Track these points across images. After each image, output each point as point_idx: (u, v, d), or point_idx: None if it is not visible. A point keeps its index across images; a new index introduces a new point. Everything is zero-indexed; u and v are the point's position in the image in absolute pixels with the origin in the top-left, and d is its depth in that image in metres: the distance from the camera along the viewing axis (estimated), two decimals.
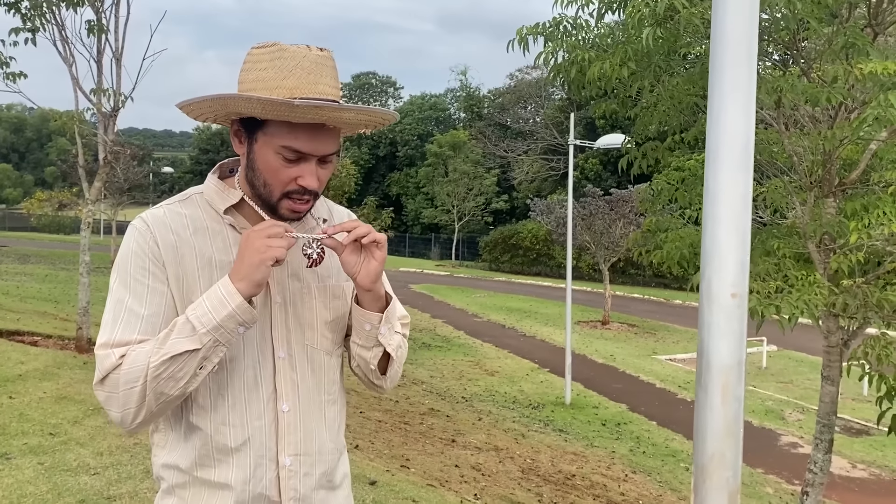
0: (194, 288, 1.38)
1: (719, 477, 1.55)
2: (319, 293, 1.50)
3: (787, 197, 5.67)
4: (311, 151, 1.34)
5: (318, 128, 1.34)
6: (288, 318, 1.46)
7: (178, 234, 1.40)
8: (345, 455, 1.61)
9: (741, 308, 1.51)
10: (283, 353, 1.45)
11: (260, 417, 1.42)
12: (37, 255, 26.31)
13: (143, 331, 1.33)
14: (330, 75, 1.37)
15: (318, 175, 1.38)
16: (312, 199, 1.41)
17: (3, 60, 7.73)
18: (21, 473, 3.85)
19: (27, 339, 8.14)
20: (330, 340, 1.51)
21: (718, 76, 1.50)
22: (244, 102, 1.31)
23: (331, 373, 1.52)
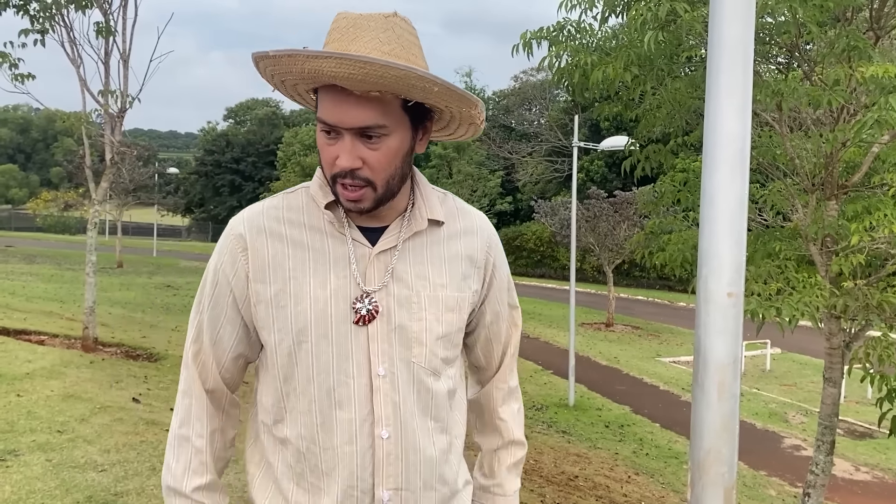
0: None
1: (715, 473, 1.58)
2: (430, 304, 1.28)
3: (789, 199, 5.70)
4: (336, 122, 1.15)
5: (343, 94, 1.14)
6: (391, 331, 1.25)
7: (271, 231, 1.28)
8: (462, 495, 1.40)
9: (737, 307, 1.54)
10: (383, 371, 1.24)
11: (351, 442, 1.24)
12: (42, 255, 26.42)
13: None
14: (376, 37, 1.15)
15: (358, 153, 1.17)
16: (364, 184, 1.19)
17: (11, 62, 7.80)
18: (29, 470, 3.90)
19: (34, 338, 8.21)
20: (439, 359, 1.29)
21: (715, 79, 1.54)
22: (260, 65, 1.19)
23: (439, 397, 1.31)
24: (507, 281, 1.45)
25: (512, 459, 1.47)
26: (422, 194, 1.33)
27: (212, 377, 1.33)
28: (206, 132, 62.50)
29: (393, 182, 1.22)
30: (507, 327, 1.46)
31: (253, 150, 54.46)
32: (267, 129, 56.99)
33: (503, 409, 1.48)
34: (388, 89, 1.12)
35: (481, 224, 1.39)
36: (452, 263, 1.32)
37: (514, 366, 1.50)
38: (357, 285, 1.24)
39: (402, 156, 1.21)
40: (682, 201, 6.16)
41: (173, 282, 21.10)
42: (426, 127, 1.27)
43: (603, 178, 34.80)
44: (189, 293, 18.79)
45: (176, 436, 1.32)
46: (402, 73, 1.09)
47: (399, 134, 1.19)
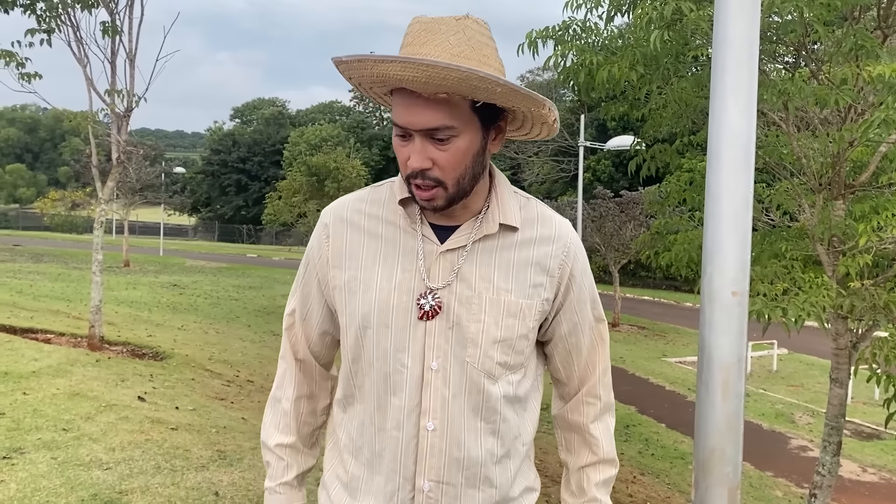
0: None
1: (720, 472, 1.57)
2: (491, 306, 1.29)
3: (796, 199, 5.68)
4: (405, 124, 1.20)
5: (412, 96, 1.17)
6: (449, 329, 1.28)
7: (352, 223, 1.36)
8: (519, 502, 1.41)
9: (742, 306, 1.53)
10: (436, 365, 1.28)
11: (398, 428, 1.29)
12: (50, 254, 26.53)
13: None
14: (446, 40, 1.17)
15: (428, 154, 1.20)
16: (435, 184, 1.22)
17: (18, 61, 7.82)
18: (35, 467, 3.91)
19: (41, 336, 8.23)
20: (494, 362, 1.30)
21: (720, 77, 1.53)
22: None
23: (492, 400, 1.31)
24: (590, 293, 1.42)
25: (602, 477, 1.45)
26: (497, 198, 1.33)
27: (301, 349, 1.46)
28: (213, 132, 62.68)
29: (464, 181, 1.24)
30: (590, 341, 1.44)
31: (259, 150, 54.56)
32: (273, 128, 57.09)
33: (595, 425, 1.45)
34: (452, 91, 1.14)
35: (561, 233, 1.37)
36: (521, 270, 1.32)
37: (606, 381, 1.47)
38: (422, 281, 1.29)
39: (473, 156, 1.23)
40: (688, 201, 6.15)
41: (179, 281, 21.15)
42: (499, 127, 1.28)
43: (610, 178, 34.74)
44: (195, 292, 18.84)
45: (271, 396, 1.49)
46: (464, 75, 1.10)
47: (468, 134, 1.21)
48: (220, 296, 18.87)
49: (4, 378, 5.71)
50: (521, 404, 1.37)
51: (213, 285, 20.98)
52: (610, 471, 1.45)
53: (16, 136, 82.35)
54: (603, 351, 1.46)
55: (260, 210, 37.74)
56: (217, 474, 4.19)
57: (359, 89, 1.28)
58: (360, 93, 1.32)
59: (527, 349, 1.35)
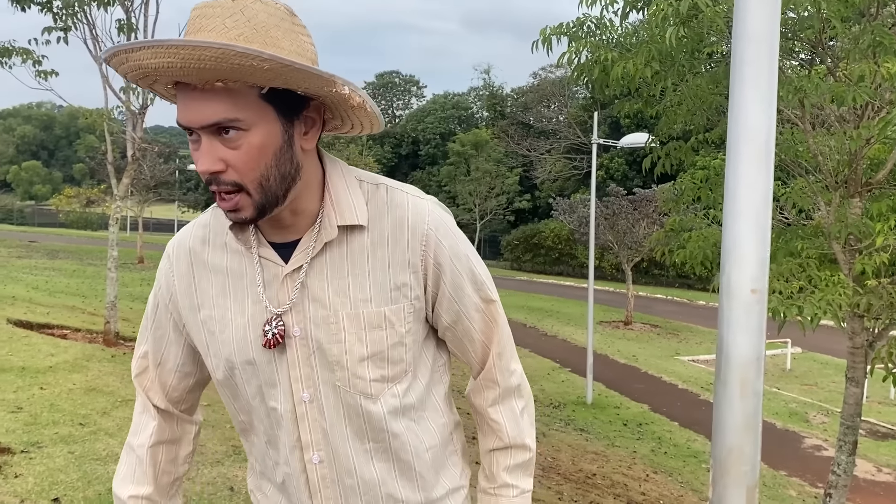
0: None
1: (737, 471, 1.56)
2: (350, 322, 1.17)
3: (812, 197, 5.64)
4: (184, 122, 1.05)
5: (187, 89, 1.04)
6: (311, 355, 1.18)
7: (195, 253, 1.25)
8: (445, 502, 1.34)
9: (761, 304, 1.52)
10: (308, 396, 1.19)
11: (287, 464, 1.24)
12: (65, 251, 26.75)
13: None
14: (221, 24, 1.02)
15: (218, 155, 1.04)
16: (235, 189, 1.06)
17: (35, 59, 7.89)
18: (52, 461, 3.95)
19: (57, 332, 8.31)
20: (368, 381, 1.20)
21: (739, 73, 1.52)
22: None
23: (375, 420, 1.22)
24: (469, 275, 1.25)
25: (512, 462, 1.33)
26: (331, 197, 1.18)
27: (158, 396, 1.33)
28: None
29: (270, 184, 1.07)
30: (480, 326, 1.28)
31: None
32: None
33: (494, 409, 1.33)
34: (219, 76, 1.00)
35: (416, 221, 1.19)
36: (379, 273, 1.18)
37: (507, 364, 1.32)
38: (265, 308, 1.17)
39: (274, 153, 1.07)
40: (703, 198, 6.12)
41: None
42: (310, 118, 1.12)
43: (623, 176, 34.64)
44: None
45: (126, 443, 1.36)
46: (219, 52, 0.95)
47: (262, 128, 1.05)
48: None
49: (22, 373, 5.77)
50: (416, 410, 1.27)
51: None
52: (521, 455, 1.33)
53: (31, 134, 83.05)
54: (497, 333, 1.30)
55: None
56: (232, 469, 4.22)
57: (142, 86, 1.14)
58: (154, 92, 1.15)
59: (406, 355, 1.22)
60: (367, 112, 1.13)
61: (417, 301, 1.21)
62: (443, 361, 1.34)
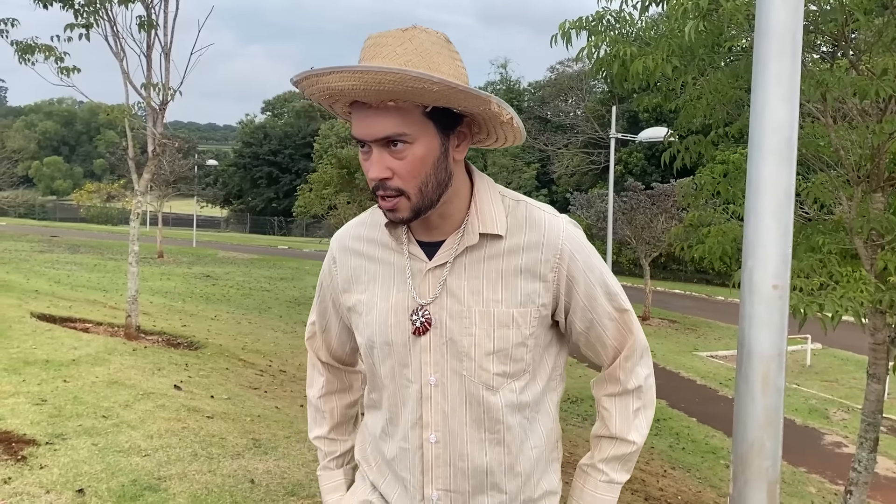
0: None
1: (758, 466, 1.56)
2: (481, 319, 1.30)
3: (833, 192, 5.58)
4: (360, 136, 1.22)
5: (363, 108, 1.20)
6: (443, 344, 1.31)
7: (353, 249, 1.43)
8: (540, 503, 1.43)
9: (783, 299, 1.52)
10: (434, 380, 1.32)
11: (405, 440, 1.36)
12: (86, 245, 27.04)
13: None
14: (393, 51, 1.18)
15: (386, 164, 1.21)
16: (397, 194, 1.22)
17: (58, 55, 7.98)
18: (76, 453, 4.00)
19: (79, 325, 8.41)
20: (491, 374, 1.31)
21: (762, 68, 1.51)
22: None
23: (493, 410, 1.33)
24: (602, 286, 1.36)
25: (612, 453, 1.42)
26: (477, 206, 1.32)
27: (324, 355, 1.58)
28: (245, 125, 63.19)
29: (427, 189, 1.23)
30: (613, 333, 1.40)
31: (290, 143, 54.96)
32: (304, 121, 57.42)
33: (608, 400, 1.44)
34: (394, 97, 1.15)
35: (550, 237, 1.32)
36: (511, 278, 1.31)
37: (632, 367, 1.42)
38: (413, 298, 1.32)
39: (433, 163, 1.22)
40: (723, 193, 6.08)
41: (212, 272, 21.44)
42: (461, 133, 1.28)
43: (642, 171, 34.43)
44: (227, 283, 19.08)
45: (307, 395, 1.63)
46: (397, 77, 1.11)
47: (424, 141, 1.21)
48: (252, 287, 19.10)
49: (46, 366, 5.85)
50: (530, 409, 1.37)
51: (245, 276, 21.24)
52: (623, 448, 1.42)
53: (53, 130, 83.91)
54: (630, 340, 1.41)
55: (291, 202, 38.04)
56: (252, 462, 4.26)
57: (324, 107, 1.30)
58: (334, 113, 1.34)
59: (527, 355, 1.34)
60: (513, 127, 1.26)
61: (544, 308, 1.33)
62: (560, 370, 1.44)
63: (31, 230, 34.77)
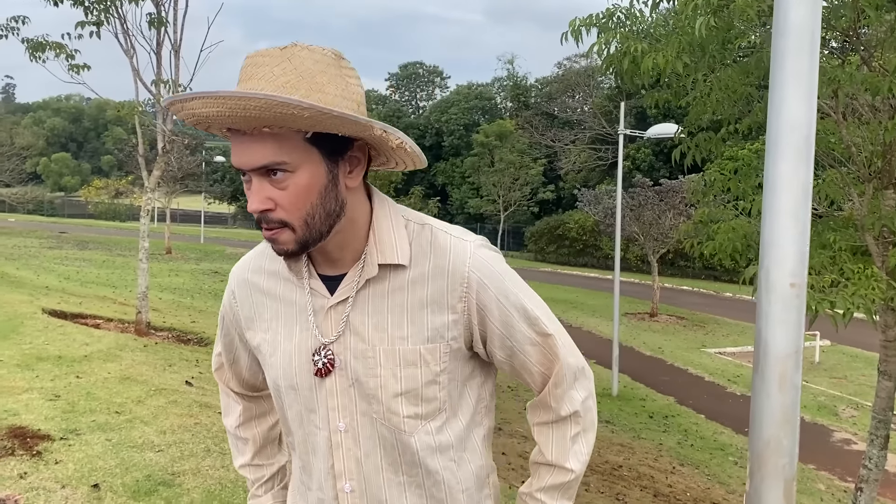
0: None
1: (775, 464, 1.57)
2: (386, 358, 1.20)
3: (843, 188, 5.57)
4: (236, 164, 1.11)
5: (238, 135, 1.10)
6: (350, 386, 1.22)
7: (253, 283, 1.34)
8: None
9: (800, 297, 1.53)
10: (343, 425, 1.23)
11: (321, 489, 1.28)
12: (94, 242, 27.16)
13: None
14: (270, 72, 1.08)
15: (266, 194, 1.10)
16: (280, 226, 1.12)
17: (68, 53, 8.01)
18: (91, 448, 4.04)
19: (90, 321, 8.46)
20: (401, 417, 1.22)
21: (780, 65, 1.51)
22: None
23: (410, 454, 1.24)
24: (521, 312, 1.24)
25: (550, 481, 1.31)
26: (375, 235, 1.21)
27: (235, 385, 1.49)
28: None
29: (314, 221, 1.13)
30: (537, 359, 1.28)
31: None
32: None
33: (540, 429, 1.33)
34: (262, 123, 1.05)
35: (457, 264, 1.20)
36: (417, 312, 1.21)
37: (563, 394, 1.29)
38: (315, 337, 1.23)
39: (318, 192, 1.12)
40: (733, 190, 6.06)
41: (220, 268, 21.53)
42: (354, 158, 1.16)
43: (650, 167, 34.36)
44: None
45: (225, 425, 1.55)
46: (263, 103, 1.01)
47: (308, 169, 1.10)
48: None
49: (58, 362, 5.89)
50: (454, 449, 1.28)
51: None
52: (561, 476, 1.30)
53: (61, 126, 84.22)
54: (557, 365, 1.28)
55: None
56: None
57: (200, 129, 1.19)
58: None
59: (440, 393, 1.23)
60: (406, 152, 1.17)
61: (455, 342, 1.23)
62: (485, 403, 1.34)
63: (39, 226, 34.94)
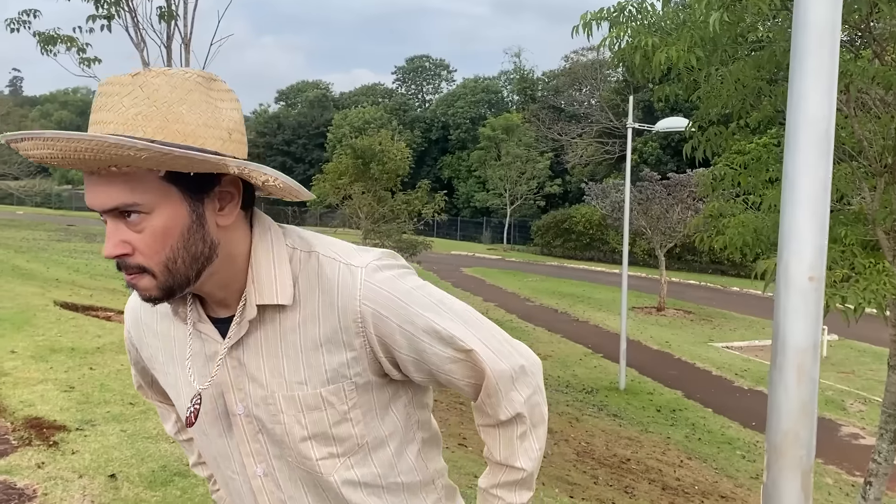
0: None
1: (793, 455, 1.59)
2: (287, 405, 1.10)
3: (854, 182, 5.56)
4: (89, 205, 1.00)
5: (88, 174, 0.99)
6: (258, 432, 1.14)
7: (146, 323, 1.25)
8: None
9: (818, 291, 1.54)
10: (262, 471, 1.15)
11: None
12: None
13: None
14: (119, 102, 0.97)
15: (122, 237, 0.99)
16: (139, 272, 1.00)
17: (79, 46, 8.05)
18: (106, 439, 4.09)
19: (101, 314, 8.52)
20: (314, 460, 1.12)
21: (800, 61, 1.52)
22: None
23: (333, 491, 1.14)
24: (430, 333, 1.11)
25: (503, 478, 1.21)
26: (253, 273, 1.09)
27: (161, 398, 1.42)
28: (258, 114, 63.40)
29: (177, 266, 1.01)
30: (462, 373, 1.15)
31: (303, 133, 55.10)
32: (317, 111, 57.54)
33: (486, 430, 1.23)
34: (101, 164, 0.95)
35: (345, 297, 1.08)
36: (312, 353, 1.09)
37: (499, 401, 1.17)
38: (190, 384, 1.14)
39: (180, 234, 1.00)
40: (743, 184, 6.06)
41: None
42: (226, 193, 1.04)
43: (657, 161, 34.29)
44: None
45: (165, 429, 1.52)
46: (94, 144, 0.91)
47: (165, 210, 0.99)
48: None
49: (72, 353, 5.95)
50: (381, 478, 1.18)
51: None
52: (513, 475, 1.20)
53: (68, 119, 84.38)
54: (485, 378, 1.15)
55: None
56: None
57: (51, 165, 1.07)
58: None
59: (355, 429, 1.13)
60: (280, 188, 1.05)
61: (360, 377, 1.12)
62: (416, 418, 1.24)
63: (47, 219, 35.08)
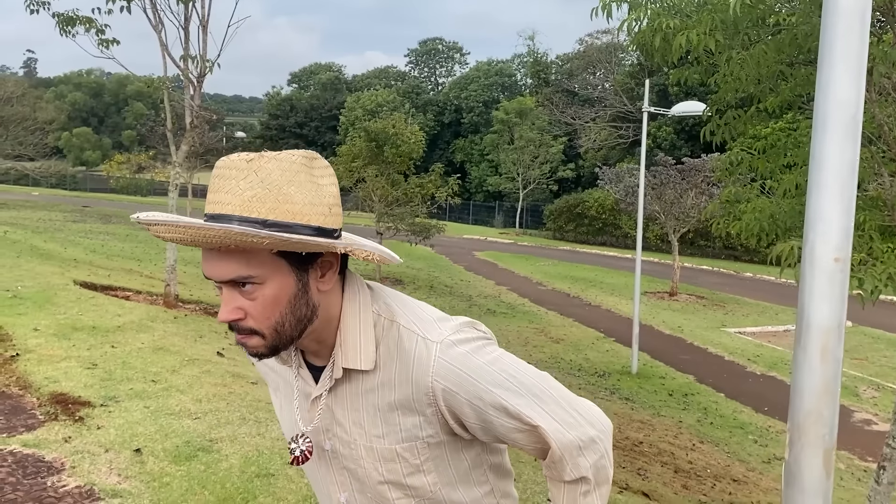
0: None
1: (815, 434, 1.62)
2: (367, 453, 1.23)
3: (873, 167, 5.54)
4: (207, 276, 1.13)
5: (211, 250, 1.11)
6: (342, 469, 1.28)
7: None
8: None
9: (844, 272, 1.57)
10: (344, 499, 1.29)
11: None
12: (117, 216, 27.43)
13: None
14: (236, 186, 1.09)
15: (236, 304, 1.11)
16: (250, 333, 1.13)
17: (98, 28, 8.09)
18: (130, 415, 4.17)
19: (120, 293, 8.62)
20: (390, 500, 1.25)
21: (829, 46, 1.54)
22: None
23: None
24: (499, 410, 1.17)
25: None
26: (341, 337, 1.20)
27: None
28: (271, 97, 63.40)
29: (284, 329, 1.14)
30: (528, 442, 1.22)
31: (316, 115, 55.09)
32: (330, 93, 57.49)
33: (552, 484, 1.27)
34: (219, 246, 1.08)
35: (419, 372, 1.16)
36: (388, 414, 1.20)
37: (566, 467, 1.21)
38: (296, 423, 1.27)
39: (288, 301, 1.12)
40: (760, 169, 6.04)
41: None
42: (327, 262, 1.16)
43: (671, 145, 34.07)
44: None
45: None
46: (221, 232, 1.03)
47: (277, 280, 1.11)
48: None
49: (93, 332, 6.04)
50: (464, 497, 1.27)
51: None
52: None
53: (82, 101, 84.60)
54: (550, 450, 1.20)
55: None
56: None
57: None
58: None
59: (426, 478, 1.23)
60: (374, 259, 1.19)
61: (432, 438, 1.21)
62: (489, 462, 1.32)
63: (63, 200, 35.34)
